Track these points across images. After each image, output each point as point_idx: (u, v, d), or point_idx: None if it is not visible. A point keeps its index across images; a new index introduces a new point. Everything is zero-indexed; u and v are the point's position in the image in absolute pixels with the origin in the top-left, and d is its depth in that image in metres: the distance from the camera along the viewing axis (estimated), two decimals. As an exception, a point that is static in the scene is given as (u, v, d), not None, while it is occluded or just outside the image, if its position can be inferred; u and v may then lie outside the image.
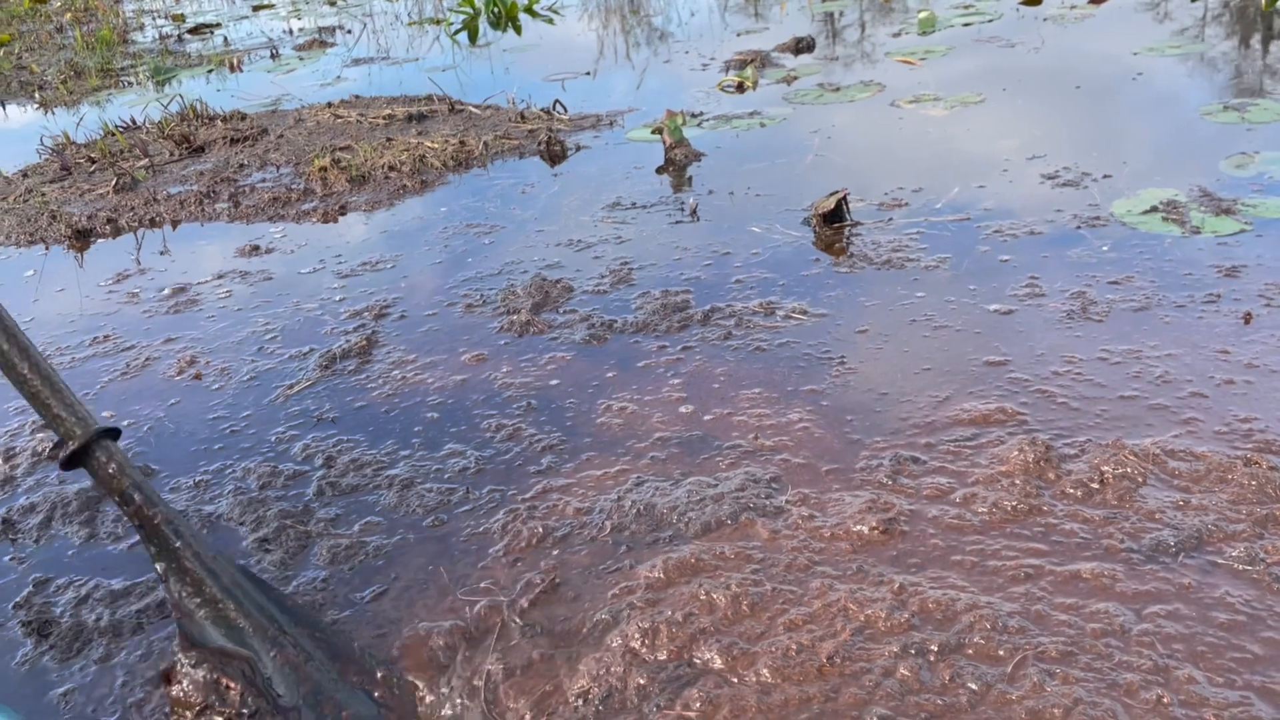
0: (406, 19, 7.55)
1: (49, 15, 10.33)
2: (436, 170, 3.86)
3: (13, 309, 1.54)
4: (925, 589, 1.58)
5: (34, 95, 6.32)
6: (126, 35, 8.19)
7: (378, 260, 3.11)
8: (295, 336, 2.68)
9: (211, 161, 4.18)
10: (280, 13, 8.70)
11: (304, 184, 3.80)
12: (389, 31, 7.18)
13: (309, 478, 2.03)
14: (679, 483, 1.88)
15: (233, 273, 3.14)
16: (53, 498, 2.03)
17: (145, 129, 4.83)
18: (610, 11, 7.35)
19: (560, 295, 2.70)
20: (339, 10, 8.37)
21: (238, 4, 9.73)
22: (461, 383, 2.34)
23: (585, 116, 4.31)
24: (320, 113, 4.71)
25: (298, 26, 7.72)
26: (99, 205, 3.81)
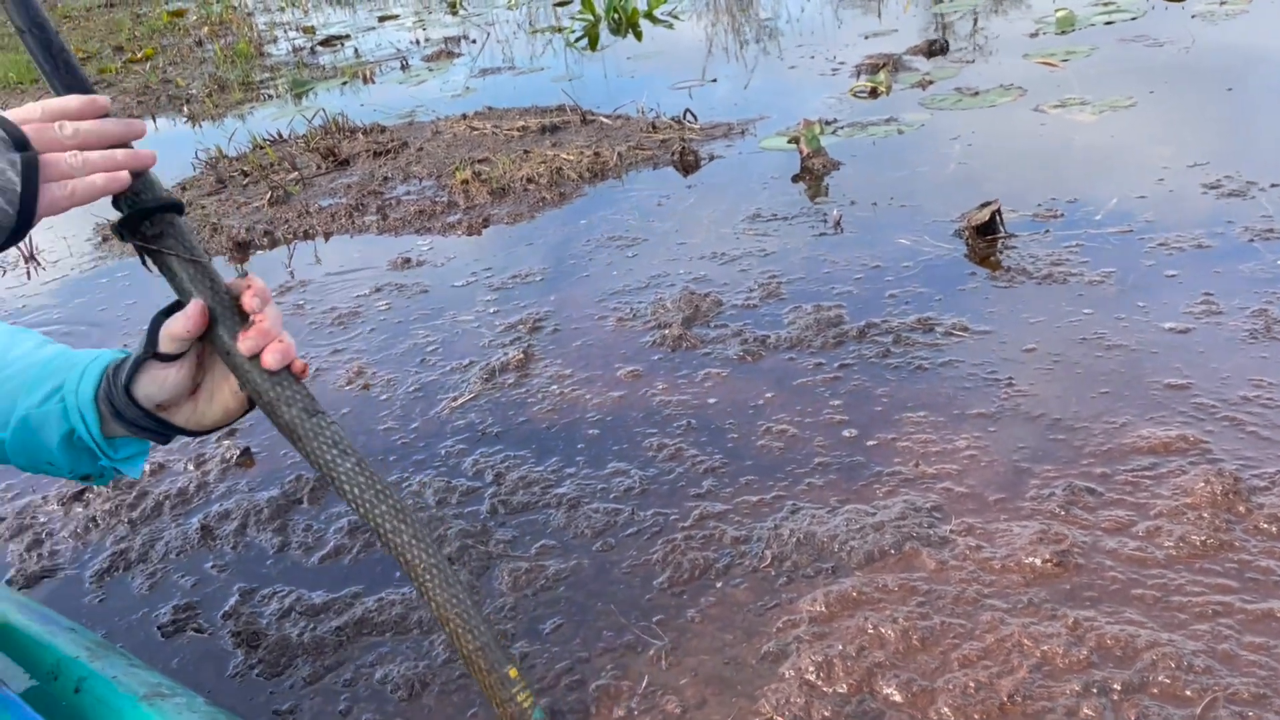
0: (528, 28, 7.68)
1: (186, 29, 10.85)
2: (573, 182, 3.93)
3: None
4: (1103, 624, 1.54)
5: (182, 109, 6.65)
6: (262, 48, 8.54)
7: (526, 273, 3.18)
8: (455, 349, 2.77)
9: (357, 174, 4.34)
10: (406, 23, 8.95)
11: (447, 196, 3.91)
12: (511, 41, 7.32)
13: (481, 494, 2.10)
14: (837, 510, 1.87)
15: (389, 285, 3.25)
16: (245, 505, 2.14)
17: (291, 142, 5.03)
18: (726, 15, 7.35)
19: (710, 309, 2.73)
20: (462, 20, 8.56)
21: (364, 15, 10.04)
22: (619, 399, 2.39)
23: (716, 125, 4.33)
24: (456, 125, 4.83)
25: (423, 37, 7.93)
26: (256, 218, 3.99)
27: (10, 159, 0.85)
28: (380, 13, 9.88)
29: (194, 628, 1.82)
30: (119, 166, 0.91)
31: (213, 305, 0.98)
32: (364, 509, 0.99)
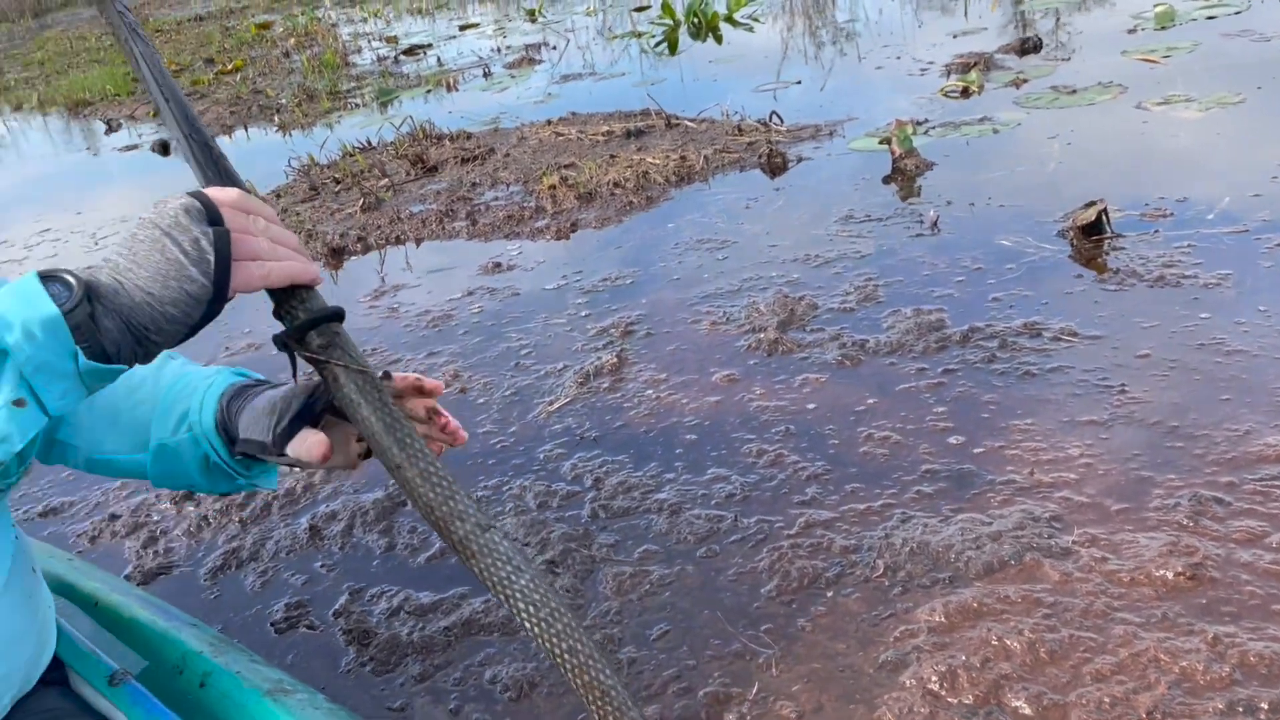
0: (607, 33, 7.71)
1: (273, 41, 11.14)
2: (660, 186, 3.92)
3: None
4: (1244, 640, 1.48)
5: (273, 118, 6.82)
6: (347, 58, 8.72)
7: (616, 277, 3.18)
8: (548, 353, 2.78)
9: (446, 181, 4.39)
10: (486, 31, 9.06)
11: (534, 201, 3.94)
12: (591, 46, 7.36)
13: (582, 499, 2.10)
14: (950, 520, 1.83)
15: (481, 289, 3.28)
16: (351, 506, 2.18)
17: (380, 149, 5.13)
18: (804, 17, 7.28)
19: (805, 313, 2.69)
20: (541, 27, 8.64)
21: (445, 25, 10.20)
22: (716, 404, 2.37)
23: (803, 127, 4.28)
24: (541, 130, 4.87)
25: (504, 45, 8.02)
26: (349, 224, 4.07)
27: (204, 230, 0.85)
28: (461, 21, 10.02)
29: (306, 625, 1.85)
30: (299, 267, 0.91)
31: (381, 418, 0.94)
32: (537, 628, 0.93)
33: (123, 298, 0.83)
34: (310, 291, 0.94)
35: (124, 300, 0.82)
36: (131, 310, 0.83)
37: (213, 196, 0.88)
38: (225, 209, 0.87)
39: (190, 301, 0.84)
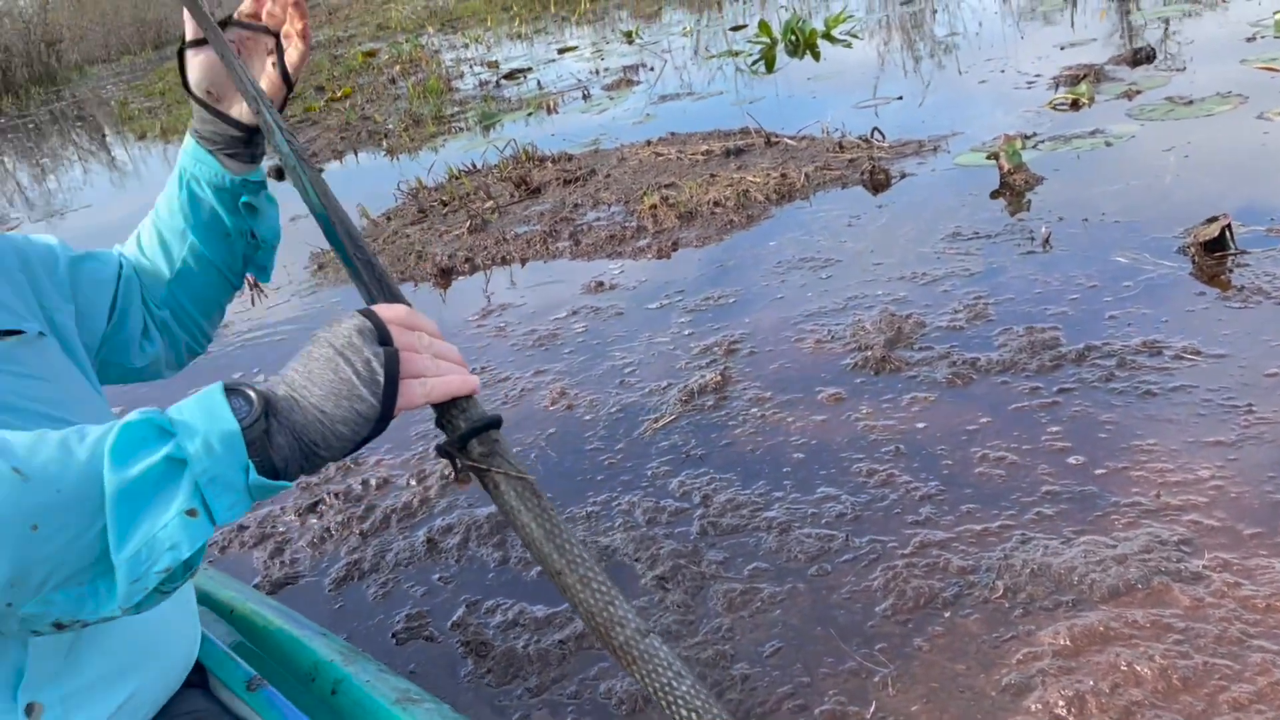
0: (704, 53, 7.76)
1: (380, 68, 11.52)
2: (760, 204, 3.93)
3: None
4: (1392, 672, 1.41)
5: (381, 143, 7.05)
6: (450, 84, 8.96)
7: (718, 295, 3.20)
8: (652, 370, 2.81)
9: (549, 202, 4.48)
10: (584, 54, 9.21)
11: (636, 221, 3.99)
12: (688, 66, 7.42)
13: (690, 516, 2.11)
14: (1071, 542, 1.79)
15: (585, 308, 3.34)
16: (466, 520, 2.24)
17: (485, 172, 5.26)
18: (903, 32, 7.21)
19: (912, 331, 2.67)
20: (639, 48, 8.74)
21: (543, 48, 10.41)
22: (823, 423, 2.36)
23: (906, 143, 4.24)
24: (640, 151, 4.93)
25: (602, 67, 8.14)
26: (456, 245, 4.18)
27: (375, 351, 0.88)
28: (559, 45, 10.21)
29: (425, 636, 1.91)
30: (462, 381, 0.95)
31: (541, 524, 0.95)
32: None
33: (297, 415, 0.85)
34: (470, 400, 0.96)
35: (298, 418, 0.85)
36: (304, 427, 0.85)
37: (381, 315, 0.91)
38: (393, 327, 0.91)
39: (359, 420, 0.86)
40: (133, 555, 0.82)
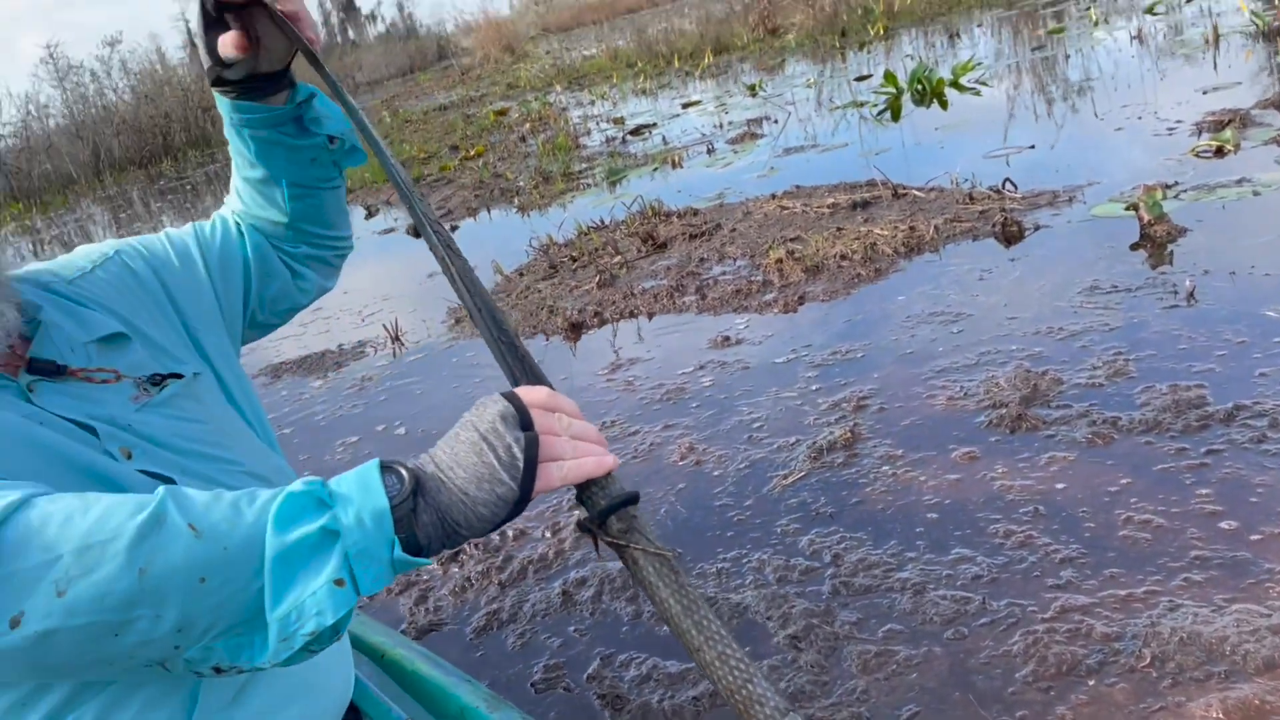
0: (828, 105, 7.80)
1: (510, 126, 11.96)
2: (888, 257, 3.92)
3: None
4: None
5: (512, 200, 7.32)
6: (578, 141, 9.24)
7: (846, 350, 3.20)
8: (780, 426, 2.83)
9: (675, 257, 4.57)
10: (708, 108, 9.36)
11: (762, 275, 4.03)
12: (812, 118, 7.46)
13: (821, 575, 2.12)
14: (1223, 610, 1.72)
15: (712, 363, 3.39)
16: (599, 573, 2.30)
17: (612, 227, 5.40)
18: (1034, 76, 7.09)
19: (1049, 388, 2.61)
20: (762, 101, 8.84)
21: (667, 104, 10.62)
22: (956, 482, 2.33)
23: (1039, 193, 4.17)
24: (765, 205, 4.98)
25: (726, 121, 8.26)
26: (586, 300, 4.31)
27: (516, 437, 0.92)
28: (683, 100, 10.41)
29: (563, 687, 1.96)
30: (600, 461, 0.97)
31: (679, 601, 0.97)
32: None
33: (442, 496, 0.91)
34: (608, 478, 0.99)
35: (443, 498, 0.90)
36: (448, 508, 0.90)
37: (524, 398, 0.96)
38: (535, 411, 0.95)
39: (499, 503, 0.91)
40: (284, 615, 0.88)
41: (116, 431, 1.15)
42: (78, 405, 1.15)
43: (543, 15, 50.57)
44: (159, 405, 1.21)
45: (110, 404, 1.17)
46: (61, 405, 1.14)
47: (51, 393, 1.15)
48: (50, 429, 1.11)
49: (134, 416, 1.18)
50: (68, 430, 1.12)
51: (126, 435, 1.15)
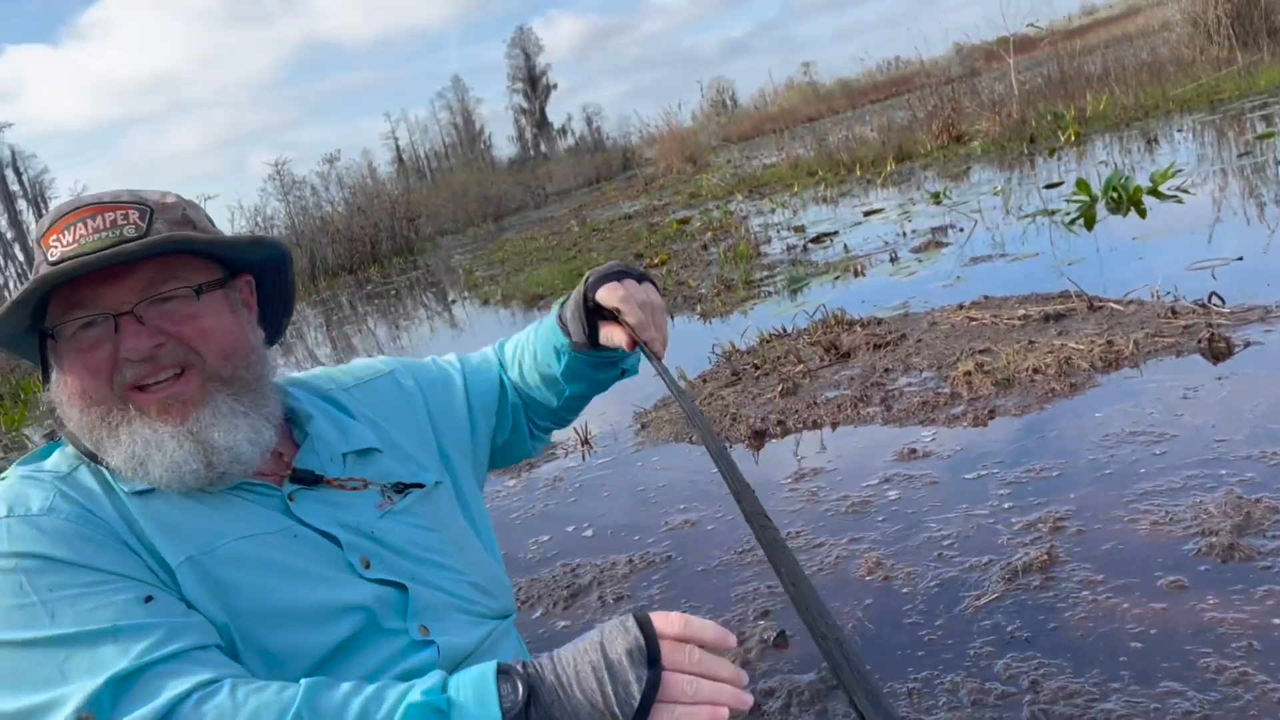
0: (1017, 213, 7.69)
1: (693, 235, 12.33)
2: (1084, 372, 3.82)
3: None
4: None
5: (695, 307, 7.53)
6: (759, 249, 9.43)
7: (1040, 468, 3.13)
8: (971, 544, 2.79)
9: (859, 366, 4.59)
10: (890, 216, 9.40)
11: (949, 388, 4.00)
12: (1000, 227, 7.37)
13: (1019, 701, 2.07)
14: None
15: (898, 476, 3.38)
16: (787, 685, 2.32)
17: (794, 335, 5.48)
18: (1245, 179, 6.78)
19: (1264, 517, 2.48)
20: (948, 209, 8.81)
21: (848, 211, 10.72)
22: (1163, 611, 2.24)
23: (1249, 308, 3.98)
24: (952, 315, 4.95)
25: (910, 229, 8.26)
26: (768, 408, 4.38)
27: (639, 674, 0.94)
28: (865, 208, 10.48)
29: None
30: (723, 703, 0.95)
31: None
32: None
33: (555, 711, 0.95)
34: None
35: (555, 713, 0.95)
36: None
37: (659, 627, 0.97)
38: (666, 643, 0.96)
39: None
40: None
41: (358, 540, 1.26)
42: (328, 513, 1.26)
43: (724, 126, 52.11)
44: (400, 512, 1.33)
45: (357, 510, 1.29)
46: (314, 514, 1.25)
47: (308, 501, 1.26)
48: (300, 541, 1.22)
49: (377, 523, 1.29)
50: (315, 541, 1.23)
51: (367, 543, 1.26)
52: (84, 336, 1.16)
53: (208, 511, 1.18)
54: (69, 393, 1.18)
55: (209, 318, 1.21)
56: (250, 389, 1.24)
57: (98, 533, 1.10)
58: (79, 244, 1.15)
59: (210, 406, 1.19)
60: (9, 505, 1.10)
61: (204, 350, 1.19)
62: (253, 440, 1.21)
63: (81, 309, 1.16)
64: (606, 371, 1.60)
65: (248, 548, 1.16)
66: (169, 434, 1.15)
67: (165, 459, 1.14)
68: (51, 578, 1.03)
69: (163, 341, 1.17)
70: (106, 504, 1.15)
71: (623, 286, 1.43)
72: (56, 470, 1.19)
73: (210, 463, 1.17)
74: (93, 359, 1.16)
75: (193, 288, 1.20)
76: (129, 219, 1.17)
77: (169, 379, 1.18)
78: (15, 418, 12.24)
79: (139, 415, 1.16)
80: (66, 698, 0.96)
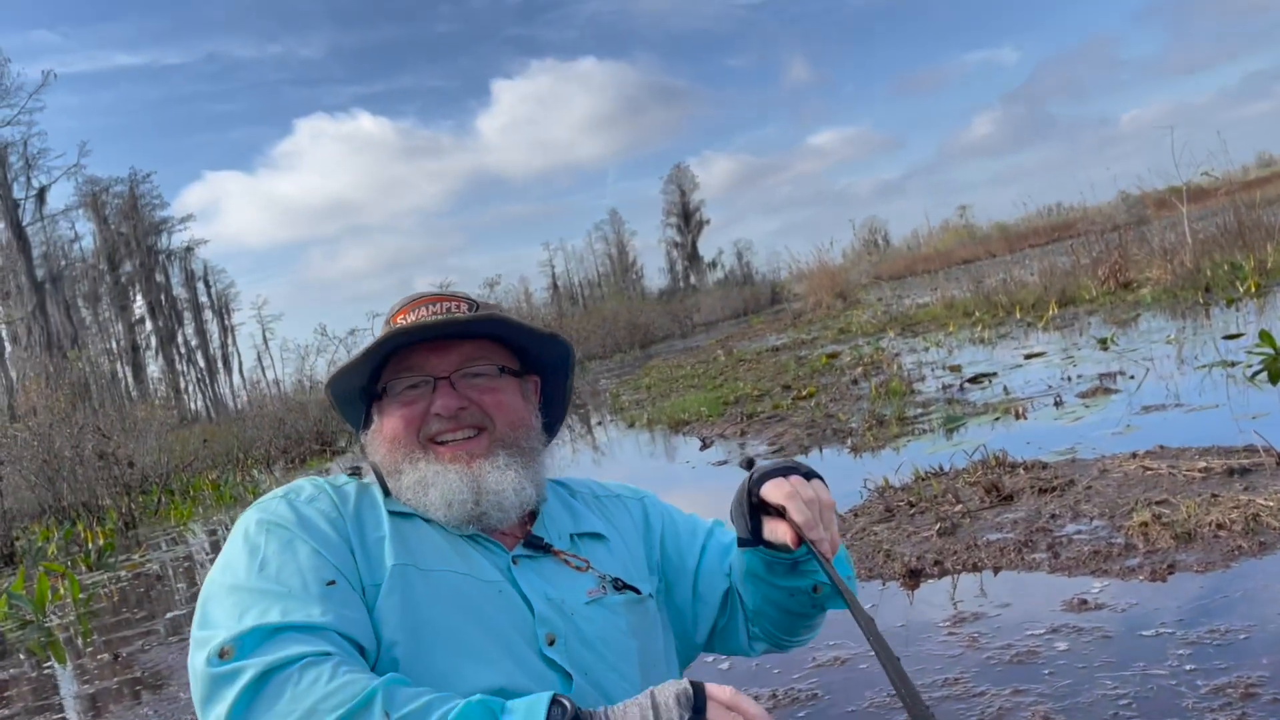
0: (1194, 363, 7.33)
1: (842, 369, 12.23)
2: (1274, 531, 3.54)
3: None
4: None
5: (845, 441, 7.41)
6: (912, 385, 9.26)
7: (1225, 629, 2.90)
8: (1152, 706, 2.58)
9: (1023, 510, 4.40)
10: (1053, 360, 9.10)
11: (1124, 539, 3.77)
12: (1175, 376, 7.03)
13: None
14: None
15: (1066, 627, 3.18)
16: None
17: (952, 475, 5.31)
18: None
19: None
20: (1116, 355, 8.47)
21: (1007, 353, 10.45)
22: (1383, 800, 2.00)
23: None
24: (1125, 463, 4.71)
25: (1075, 374, 7.97)
26: (925, 547, 4.23)
27: (682, 715, 1.05)
28: (1025, 350, 10.19)
29: None
30: None
31: None
32: None
33: None
34: None
35: None
36: None
37: (709, 690, 1.07)
38: (714, 704, 1.06)
39: None
40: None
41: (555, 617, 1.33)
42: (540, 584, 1.36)
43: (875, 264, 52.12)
44: (608, 606, 1.40)
45: (570, 589, 1.38)
46: (528, 580, 1.36)
47: (528, 568, 1.38)
48: (504, 598, 1.33)
49: (582, 607, 1.36)
50: (515, 603, 1.33)
51: (563, 623, 1.33)
52: (408, 394, 1.42)
53: (443, 545, 1.35)
54: (383, 437, 1.43)
55: (505, 393, 1.44)
56: (526, 455, 1.44)
57: (333, 527, 1.32)
58: (420, 319, 1.41)
59: (490, 460, 1.39)
60: (290, 490, 1.38)
61: (497, 418, 1.42)
62: (517, 491, 1.39)
63: (411, 372, 1.42)
64: (786, 578, 1.48)
65: (457, 581, 1.31)
66: (455, 472, 1.37)
67: (444, 486, 1.35)
68: (280, 541, 1.27)
69: (466, 405, 1.40)
70: (362, 511, 1.37)
71: (789, 483, 1.36)
72: (336, 482, 1.43)
73: (478, 500, 1.36)
74: (410, 411, 1.41)
75: (498, 367, 1.44)
76: (460, 308, 1.44)
77: (464, 438, 1.41)
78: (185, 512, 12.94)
79: (435, 459, 1.38)
80: (229, 630, 1.16)
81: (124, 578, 9.31)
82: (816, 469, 1.42)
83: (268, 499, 1.37)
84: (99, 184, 50.50)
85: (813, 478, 1.40)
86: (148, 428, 19.34)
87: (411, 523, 1.36)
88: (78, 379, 21.14)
